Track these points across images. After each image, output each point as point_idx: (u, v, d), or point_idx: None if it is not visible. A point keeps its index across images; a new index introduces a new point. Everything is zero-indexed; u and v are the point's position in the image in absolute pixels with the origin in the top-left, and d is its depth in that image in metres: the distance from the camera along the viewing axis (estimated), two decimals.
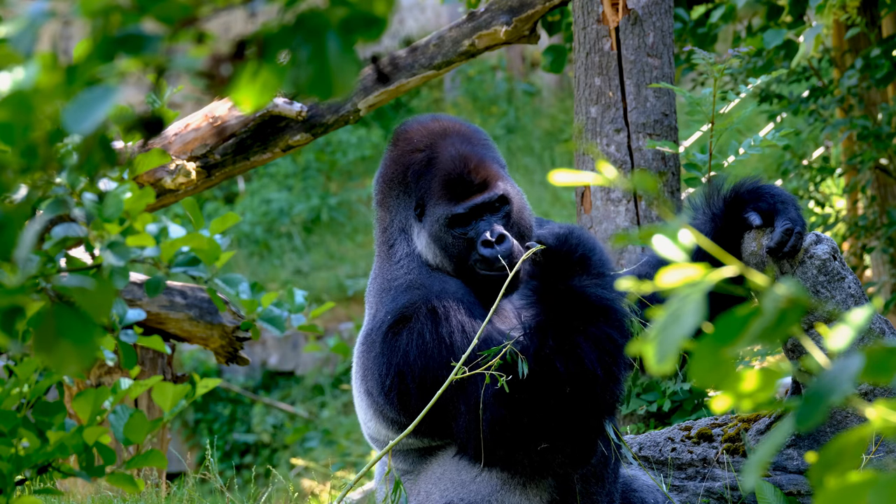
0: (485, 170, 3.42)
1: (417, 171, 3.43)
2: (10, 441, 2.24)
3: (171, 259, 2.00)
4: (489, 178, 3.41)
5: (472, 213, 3.39)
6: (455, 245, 3.38)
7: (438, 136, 3.46)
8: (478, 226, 3.39)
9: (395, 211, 3.49)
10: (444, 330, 3.22)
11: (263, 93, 1.44)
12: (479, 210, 3.39)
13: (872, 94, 7.41)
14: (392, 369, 3.28)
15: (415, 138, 3.48)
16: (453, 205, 3.38)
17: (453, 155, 3.42)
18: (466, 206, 3.38)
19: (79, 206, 1.89)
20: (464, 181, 3.40)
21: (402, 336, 3.25)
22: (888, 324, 3.66)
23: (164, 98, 2.13)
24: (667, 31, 5.15)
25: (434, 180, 3.41)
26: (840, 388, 1.38)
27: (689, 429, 4.02)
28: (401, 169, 3.46)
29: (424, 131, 3.48)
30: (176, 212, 13.51)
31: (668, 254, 1.49)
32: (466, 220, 3.39)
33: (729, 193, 3.57)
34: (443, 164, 3.41)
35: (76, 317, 1.61)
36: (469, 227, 3.39)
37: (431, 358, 3.22)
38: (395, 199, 3.49)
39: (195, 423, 12.52)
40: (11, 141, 1.47)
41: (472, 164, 3.42)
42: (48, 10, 1.47)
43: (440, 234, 3.39)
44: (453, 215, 3.38)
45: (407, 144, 3.47)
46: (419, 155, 3.44)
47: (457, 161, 3.42)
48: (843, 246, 7.91)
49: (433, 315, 3.24)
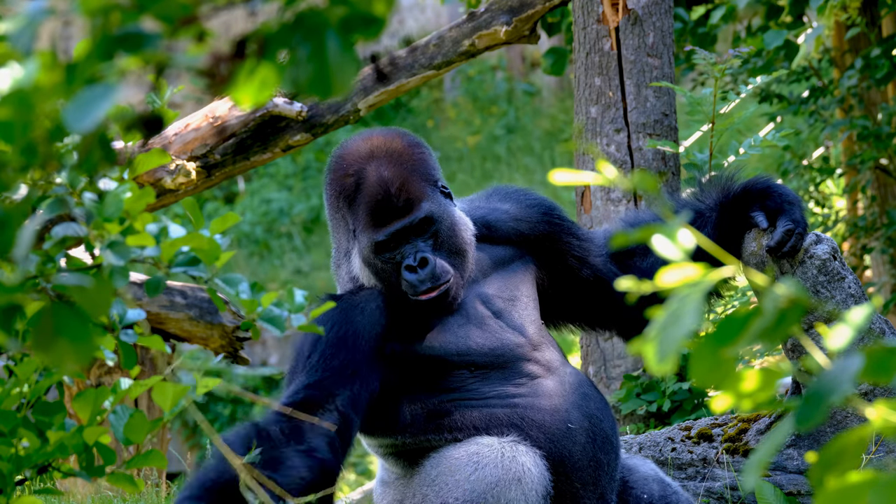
0: (408, 191, 3.35)
1: (348, 198, 3.40)
2: (10, 441, 2.24)
3: (171, 259, 2.00)
4: (412, 200, 3.35)
5: (395, 239, 3.34)
6: (385, 270, 3.36)
7: (366, 159, 3.39)
8: (403, 249, 3.34)
9: (339, 236, 3.49)
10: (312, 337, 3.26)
11: (262, 90, 1.44)
12: (401, 234, 3.34)
13: (872, 94, 7.41)
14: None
15: (345, 163, 3.43)
16: (376, 231, 3.33)
17: (376, 179, 3.36)
18: (387, 233, 3.33)
19: (79, 206, 1.89)
20: (387, 206, 3.34)
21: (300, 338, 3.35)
22: (888, 324, 3.66)
23: (164, 97, 2.13)
24: (667, 31, 5.15)
25: (360, 207, 3.37)
26: (840, 388, 1.38)
27: (689, 429, 4.02)
28: (335, 196, 3.44)
29: (354, 155, 3.43)
30: (176, 212, 13.52)
31: (667, 254, 1.49)
32: (391, 246, 3.34)
33: (739, 188, 3.58)
34: (367, 190, 3.36)
35: (74, 315, 1.61)
36: (396, 252, 3.34)
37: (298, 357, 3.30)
38: (337, 224, 3.48)
39: (195, 423, 12.52)
40: (11, 139, 1.47)
41: (394, 188, 3.35)
42: (47, 7, 1.47)
43: (370, 261, 3.37)
44: (376, 243, 3.33)
45: (339, 171, 3.44)
46: (349, 181, 3.40)
47: (379, 185, 3.35)
48: (843, 246, 7.91)
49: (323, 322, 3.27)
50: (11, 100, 1.46)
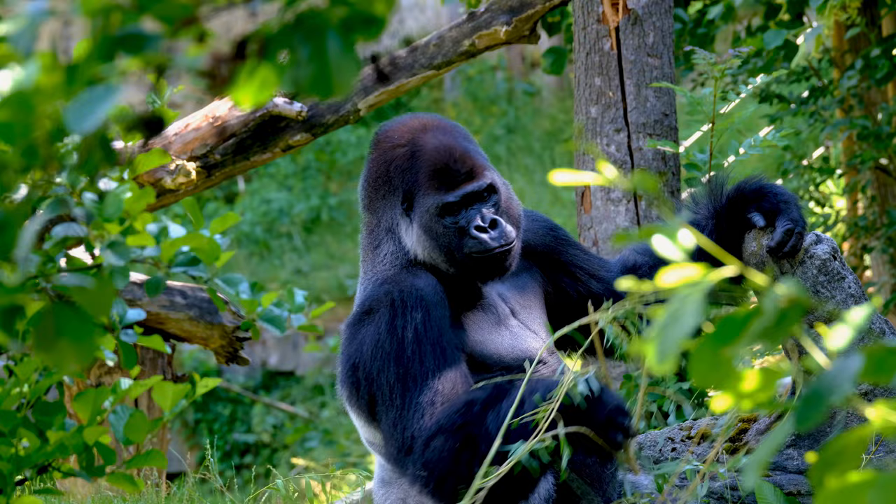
0: (470, 159, 3.40)
1: (401, 166, 3.41)
2: (10, 441, 2.24)
3: (171, 259, 2.00)
4: (476, 168, 3.39)
5: (463, 202, 3.37)
6: (446, 235, 3.37)
7: (419, 131, 3.44)
8: (468, 214, 3.37)
9: (381, 212, 3.48)
10: (398, 322, 3.21)
11: (262, 90, 1.44)
12: (469, 198, 3.37)
13: (872, 94, 7.41)
14: (348, 361, 3.29)
15: (395, 136, 3.46)
16: (443, 193, 3.36)
17: (437, 146, 3.40)
18: (457, 195, 3.36)
19: (79, 206, 1.89)
20: (451, 170, 3.38)
21: (361, 328, 3.26)
22: (888, 324, 3.66)
23: (164, 98, 2.13)
24: (667, 31, 5.15)
25: (420, 172, 3.39)
26: (840, 388, 1.38)
27: (689, 429, 4.02)
28: (384, 167, 3.44)
29: (404, 128, 3.47)
30: (176, 212, 13.52)
31: (667, 253, 1.49)
32: (457, 209, 3.37)
33: (732, 192, 3.58)
34: (428, 156, 3.39)
35: (75, 315, 1.61)
36: (460, 216, 3.36)
37: (381, 349, 3.22)
38: (381, 199, 3.47)
39: (195, 423, 12.52)
40: (12, 140, 1.47)
41: (457, 154, 3.39)
42: (48, 8, 1.47)
43: (431, 225, 3.37)
44: (444, 204, 3.35)
45: (388, 143, 3.46)
46: (401, 150, 3.42)
47: (442, 151, 3.39)
48: (843, 246, 7.91)
49: (391, 307, 3.23)
50: (12, 101, 1.46)
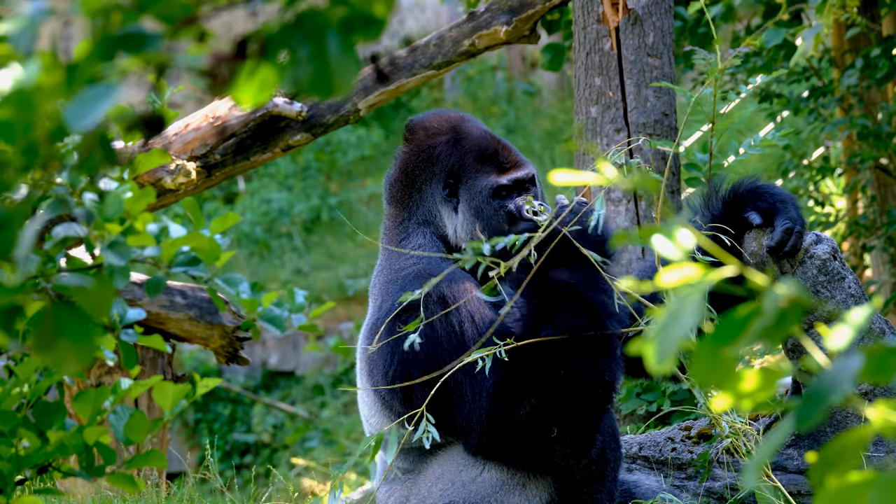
0: (513, 150, 3.53)
1: (445, 152, 3.49)
2: (10, 441, 2.24)
3: (171, 259, 2.00)
4: (519, 158, 3.52)
5: (515, 186, 3.47)
6: (495, 217, 3.44)
7: (458, 121, 3.54)
8: (515, 199, 3.46)
9: (414, 204, 3.50)
10: (453, 318, 3.22)
11: (262, 90, 1.44)
12: (519, 184, 3.47)
13: (872, 94, 7.41)
14: (396, 359, 3.27)
15: (433, 126, 3.54)
16: (496, 176, 3.45)
17: (482, 133, 3.52)
18: (510, 179, 3.46)
19: (79, 206, 1.89)
20: (500, 155, 3.49)
21: (408, 325, 3.25)
22: (888, 324, 3.66)
23: (164, 97, 2.13)
24: (667, 31, 5.15)
25: (468, 156, 3.47)
26: (840, 388, 1.38)
27: (689, 429, 4.02)
28: (423, 155, 3.50)
29: (441, 119, 3.55)
30: (176, 212, 13.51)
31: (667, 254, 1.49)
32: (506, 194, 3.46)
33: (728, 193, 3.58)
34: (475, 142, 3.49)
35: (75, 316, 1.61)
36: (507, 201, 3.45)
37: (440, 346, 3.22)
38: (416, 190, 3.50)
39: (195, 423, 12.51)
40: (12, 140, 1.47)
41: (502, 142, 3.52)
42: (48, 8, 1.47)
43: (481, 206, 3.44)
44: (498, 185, 3.45)
45: (426, 133, 3.53)
46: (443, 138, 3.50)
47: (488, 138, 3.50)
48: (843, 246, 7.91)
49: (443, 303, 3.23)
50: (12, 100, 1.46)
